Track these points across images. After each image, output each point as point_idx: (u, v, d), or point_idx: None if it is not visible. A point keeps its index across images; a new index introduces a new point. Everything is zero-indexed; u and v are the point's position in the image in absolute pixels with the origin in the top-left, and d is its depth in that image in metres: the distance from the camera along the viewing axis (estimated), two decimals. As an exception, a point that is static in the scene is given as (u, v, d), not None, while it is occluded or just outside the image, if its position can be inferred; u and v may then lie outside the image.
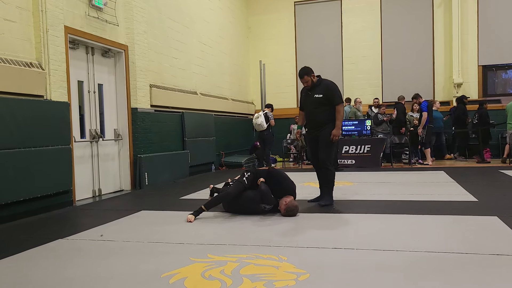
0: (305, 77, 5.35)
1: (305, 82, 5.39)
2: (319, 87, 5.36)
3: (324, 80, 5.43)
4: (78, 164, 6.37)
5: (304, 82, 5.39)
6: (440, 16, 12.50)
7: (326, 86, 5.35)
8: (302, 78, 5.37)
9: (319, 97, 5.30)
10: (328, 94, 5.29)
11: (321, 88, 5.34)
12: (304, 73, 5.35)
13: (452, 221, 4.29)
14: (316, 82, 5.39)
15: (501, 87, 12.47)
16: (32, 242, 3.88)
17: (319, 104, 5.31)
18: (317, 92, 5.34)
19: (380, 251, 3.30)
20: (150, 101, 8.00)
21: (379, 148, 10.17)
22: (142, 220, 4.88)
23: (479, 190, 6.11)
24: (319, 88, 5.35)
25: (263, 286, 2.62)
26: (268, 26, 13.79)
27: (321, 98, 5.29)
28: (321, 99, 5.29)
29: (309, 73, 5.36)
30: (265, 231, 4.12)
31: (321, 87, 5.34)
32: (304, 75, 5.35)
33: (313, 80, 5.38)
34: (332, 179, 5.40)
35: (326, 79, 5.47)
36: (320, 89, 5.33)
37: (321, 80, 5.41)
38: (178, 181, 8.35)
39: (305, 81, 5.38)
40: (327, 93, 5.29)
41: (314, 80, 5.38)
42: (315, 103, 5.34)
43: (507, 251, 3.19)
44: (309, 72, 5.36)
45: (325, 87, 5.34)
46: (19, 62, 5.22)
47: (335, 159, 9.32)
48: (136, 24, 7.56)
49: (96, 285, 2.77)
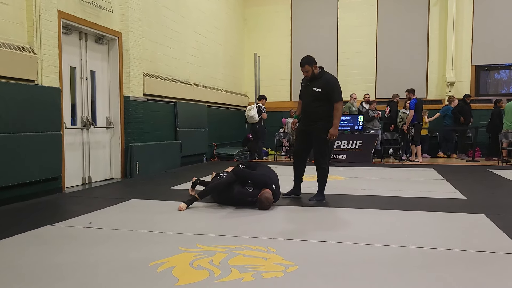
0: (306, 66, 5.10)
1: (305, 72, 5.14)
2: (320, 80, 5.11)
3: (326, 74, 5.18)
4: (69, 151, 6.32)
5: (304, 72, 5.15)
6: (436, 15, 12.53)
7: (326, 80, 5.10)
8: (303, 66, 5.12)
9: (317, 91, 5.07)
10: (327, 89, 5.05)
11: (321, 82, 5.09)
12: (306, 62, 5.11)
13: (440, 218, 4.33)
14: (317, 74, 5.14)
15: (493, 87, 12.56)
16: (20, 228, 3.86)
17: (316, 98, 5.09)
18: (316, 85, 5.10)
19: (369, 246, 3.33)
20: (143, 89, 7.95)
21: (371, 144, 10.23)
22: (132, 208, 4.86)
23: (468, 188, 6.17)
24: (319, 81, 5.11)
25: (251, 277, 2.63)
26: (264, 18, 13.72)
27: (319, 92, 5.07)
28: (319, 93, 5.07)
29: (311, 63, 5.10)
30: (255, 223, 4.13)
31: (321, 81, 5.10)
32: (305, 64, 5.10)
33: (314, 72, 5.13)
34: (325, 178, 5.30)
35: (328, 73, 5.21)
36: (320, 83, 5.09)
37: (323, 73, 5.16)
38: (169, 171, 8.33)
39: (305, 70, 5.13)
40: (327, 88, 5.05)
41: (315, 71, 5.13)
42: (312, 96, 5.12)
43: (493, 249, 3.23)
44: (311, 62, 5.11)
45: (325, 81, 5.09)
46: (10, 46, 5.15)
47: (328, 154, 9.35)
48: (131, 11, 7.47)
49: (84, 272, 2.76)
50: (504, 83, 12.59)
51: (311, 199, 5.27)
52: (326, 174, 5.29)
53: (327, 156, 5.36)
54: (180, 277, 2.64)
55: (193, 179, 5.64)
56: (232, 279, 2.60)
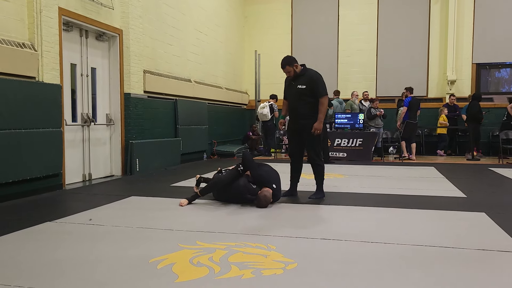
0: (287, 67, 5.10)
1: (287, 72, 5.15)
2: (303, 77, 5.11)
3: (308, 70, 5.16)
4: (69, 148, 6.33)
5: (287, 72, 5.15)
6: (437, 13, 12.50)
7: (310, 76, 5.09)
8: (284, 68, 5.11)
9: (302, 88, 5.06)
10: (311, 85, 5.04)
11: (305, 78, 5.09)
12: (286, 63, 5.10)
13: (440, 216, 4.33)
14: (299, 72, 5.13)
15: (494, 85, 12.55)
16: (20, 224, 3.86)
17: (302, 95, 5.07)
18: (300, 83, 5.09)
19: (368, 243, 3.33)
20: (144, 87, 7.94)
21: (371, 142, 10.22)
22: (132, 205, 4.87)
23: (468, 187, 6.17)
24: (302, 78, 5.10)
25: (251, 274, 2.64)
26: (265, 16, 13.70)
27: (304, 89, 5.05)
28: (304, 90, 5.06)
29: (291, 63, 5.10)
30: (255, 220, 4.13)
31: (305, 78, 5.09)
32: (286, 65, 5.09)
33: (296, 71, 5.12)
34: (322, 174, 5.30)
35: (310, 69, 5.19)
36: (304, 80, 5.08)
37: (305, 70, 5.15)
38: (169, 168, 8.33)
39: (287, 71, 5.13)
40: (311, 84, 5.04)
41: (297, 70, 5.13)
42: (298, 94, 5.10)
43: (492, 247, 3.23)
44: (291, 62, 5.10)
45: (309, 77, 5.08)
46: (11, 42, 5.14)
47: (327, 152, 9.39)
48: (132, 8, 7.46)
49: (84, 269, 2.77)
50: (505, 81, 12.58)
51: (310, 197, 5.27)
52: (323, 170, 5.30)
53: (320, 152, 5.35)
54: (180, 274, 2.64)
55: (197, 176, 5.65)
56: (232, 276, 2.61)
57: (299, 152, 5.39)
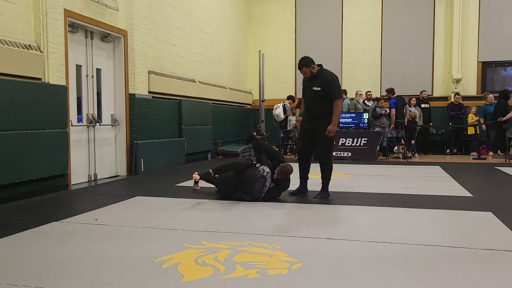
0: (304, 68, 5.18)
1: (304, 73, 5.22)
2: (318, 78, 5.15)
3: (324, 71, 5.21)
4: (74, 148, 6.36)
5: (303, 73, 5.22)
6: (441, 11, 12.44)
7: (324, 78, 5.13)
8: (300, 69, 5.21)
9: (317, 90, 5.11)
10: (326, 87, 5.08)
11: (320, 80, 5.13)
12: (303, 65, 5.18)
13: (446, 216, 4.31)
14: (316, 73, 5.17)
15: (500, 84, 12.46)
16: (26, 224, 3.88)
17: (317, 97, 5.12)
18: (315, 84, 5.14)
19: (374, 243, 3.32)
20: (148, 87, 7.97)
21: (376, 141, 10.19)
22: (137, 205, 4.89)
23: (474, 186, 6.14)
24: (318, 79, 5.15)
25: (256, 274, 2.64)
26: (269, 15, 13.69)
27: (319, 91, 5.10)
28: (319, 92, 5.10)
29: (308, 64, 5.16)
30: (259, 220, 4.13)
31: (320, 79, 5.13)
32: (302, 67, 5.18)
33: (313, 71, 5.17)
34: (329, 174, 5.31)
35: (326, 70, 5.25)
36: (319, 81, 5.12)
37: (321, 71, 5.20)
38: (174, 168, 8.35)
39: (303, 72, 5.21)
40: (326, 86, 5.08)
41: (313, 71, 5.17)
42: (313, 95, 5.16)
43: (500, 247, 3.21)
44: (308, 63, 5.16)
45: (324, 79, 5.12)
46: (17, 44, 5.18)
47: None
48: (136, 9, 7.49)
49: (89, 268, 2.78)
50: (511, 79, 12.49)
51: (315, 197, 5.26)
52: (330, 170, 5.33)
53: (330, 152, 5.41)
54: (185, 274, 2.65)
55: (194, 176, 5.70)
56: (237, 276, 2.61)
57: (308, 149, 5.45)
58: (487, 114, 10.83)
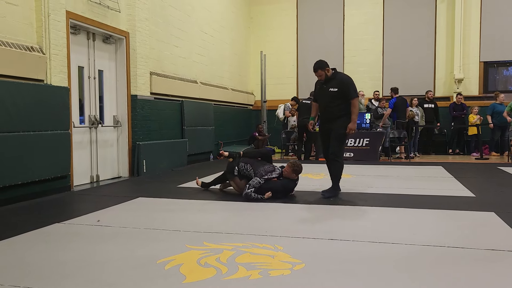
0: (319, 71, 5.37)
1: (319, 76, 5.41)
2: (334, 80, 5.37)
3: (339, 74, 5.48)
4: (77, 150, 6.37)
5: (318, 76, 5.41)
6: (443, 11, 12.42)
7: (341, 80, 5.37)
8: (316, 72, 5.38)
9: (334, 91, 5.32)
10: (343, 88, 5.30)
11: (336, 81, 5.35)
12: (318, 67, 5.36)
13: (448, 216, 4.30)
14: (331, 75, 5.39)
15: (502, 84, 12.44)
16: (29, 226, 3.89)
17: (334, 97, 5.33)
18: (332, 86, 5.35)
19: (376, 243, 3.32)
20: (150, 88, 7.98)
21: (378, 141, 10.17)
22: (139, 206, 4.89)
23: (476, 186, 6.12)
24: (334, 81, 5.36)
25: (258, 275, 2.64)
26: (270, 16, 13.70)
27: (336, 92, 5.31)
28: (336, 92, 5.31)
29: (323, 67, 5.36)
30: (262, 221, 4.13)
31: (336, 81, 5.36)
32: (318, 69, 5.37)
33: (327, 74, 5.38)
34: (340, 172, 5.45)
35: (341, 73, 5.52)
36: (335, 83, 5.35)
37: (336, 74, 5.44)
38: (176, 169, 8.36)
39: (319, 75, 5.40)
40: (342, 87, 5.30)
41: (328, 74, 5.38)
42: (330, 97, 5.36)
43: (502, 247, 3.20)
44: (323, 66, 5.36)
45: (340, 81, 5.35)
46: (20, 46, 5.19)
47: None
48: (138, 11, 7.50)
49: (91, 269, 2.79)
50: (513, 79, 12.47)
51: (323, 192, 5.35)
52: (341, 168, 5.47)
53: (342, 151, 5.56)
54: (187, 275, 2.65)
55: (198, 182, 5.88)
56: (239, 277, 2.61)
57: None
58: (494, 113, 10.75)
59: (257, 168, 5.24)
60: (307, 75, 13.43)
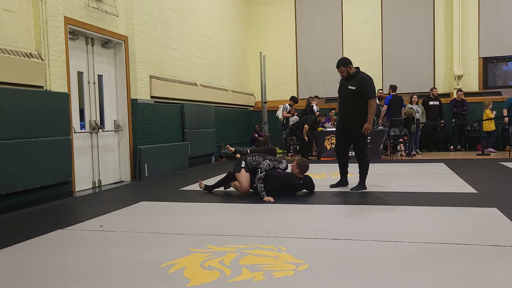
0: (341, 67, 5.56)
1: (341, 72, 5.61)
2: (355, 79, 5.54)
3: (360, 73, 5.61)
4: (78, 155, 6.37)
5: (340, 73, 5.61)
6: (441, 8, 12.41)
7: (361, 79, 5.52)
8: (338, 68, 5.57)
9: (352, 89, 5.50)
10: (361, 87, 5.47)
11: (356, 80, 5.53)
12: (341, 64, 5.56)
13: (451, 213, 4.29)
14: (352, 73, 5.57)
15: (501, 79, 12.42)
16: (32, 232, 3.89)
17: (352, 95, 5.51)
18: (351, 84, 5.54)
19: (379, 242, 3.31)
20: (150, 92, 7.98)
21: (379, 140, 10.16)
22: (142, 210, 4.89)
23: (478, 182, 6.11)
24: (354, 80, 5.54)
25: (262, 276, 2.64)
26: (269, 17, 13.70)
27: (354, 90, 5.49)
28: (354, 91, 5.49)
29: (346, 64, 5.54)
30: (264, 222, 4.13)
31: (356, 79, 5.53)
32: (340, 65, 5.56)
33: (349, 72, 5.56)
34: (366, 169, 5.68)
35: (363, 72, 5.64)
36: (355, 81, 5.52)
37: (358, 73, 5.60)
38: (178, 172, 8.36)
39: (341, 71, 5.60)
40: (361, 86, 5.47)
41: (350, 71, 5.57)
42: (348, 94, 5.56)
43: (506, 242, 3.20)
44: (346, 63, 5.55)
45: (360, 80, 5.51)
46: (18, 53, 5.20)
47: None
48: (136, 14, 7.51)
49: (95, 275, 2.79)
50: (512, 74, 12.45)
51: (352, 188, 5.66)
52: (367, 165, 5.69)
53: (365, 149, 5.71)
54: (191, 278, 2.65)
55: (201, 184, 6.02)
56: (243, 279, 2.61)
57: (344, 147, 5.84)
58: (511, 108, 10.73)
59: (266, 157, 5.40)
60: (307, 75, 13.47)
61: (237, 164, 5.54)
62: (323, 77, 13.07)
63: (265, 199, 5.06)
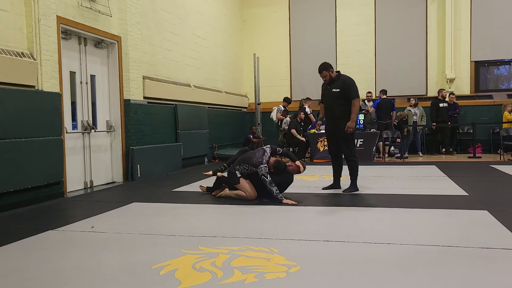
0: (324, 72, 5.64)
1: (323, 77, 5.69)
2: (337, 82, 5.63)
3: (342, 76, 5.70)
4: (70, 156, 6.33)
5: (323, 77, 5.69)
6: (434, 12, 12.51)
7: (343, 81, 5.62)
8: (320, 73, 5.66)
9: (336, 91, 5.58)
10: (345, 88, 5.55)
11: (339, 83, 5.61)
12: (323, 68, 5.65)
13: (442, 215, 4.32)
14: (335, 77, 5.66)
15: (493, 83, 12.55)
16: (22, 233, 3.86)
17: (337, 98, 5.59)
18: (335, 87, 5.62)
19: (371, 244, 3.33)
20: (143, 92, 7.95)
21: (372, 142, 10.21)
22: (134, 212, 4.87)
23: (470, 185, 6.15)
24: (337, 83, 5.63)
25: (254, 278, 2.64)
26: (263, 19, 13.72)
27: (339, 92, 5.56)
28: (339, 93, 5.57)
29: (328, 68, 5.64)
30: (257, 224, 4.13)
31: (339, 82, 5.62)
32: (322, 70, 5.65)
33: (332, 75, 5.65)
34: (356, 169, 5.69)
35: (344, 75, 5.74)
36: (338, 84, 5.61)
37: (339, 75, 5.70)
38: (170, 174, 8.34)
39: (323, 76, 5.67)
40: (344, 87, 5.56)
41: (333, 75, 5.66)
42: (333, 97, 5.63)
43: (496, 245, 3.22)
44: (328, 68, 5.64)
45: (342, 82, 5.61)
46: (10, 52, 5.16)
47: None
48: (130, 15, 7.48)
49: (86, 276, 2.77)
50: (504, 78, 12.57)
51: (344, 191, 5.66)
52: (356, 165, 5.70)
53: (353, 149, 5.74)
54: (183, 280, 2.64)
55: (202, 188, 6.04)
56: (235, 281, 2.61)
57: (337, 150, 5.83)
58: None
59: (251, 160, 5.23)
60: (300, 76, 13.49)
61: (232, 176, 5.34)
62: (316, 79, 12.99)
63: (285, 201, 4.96)
